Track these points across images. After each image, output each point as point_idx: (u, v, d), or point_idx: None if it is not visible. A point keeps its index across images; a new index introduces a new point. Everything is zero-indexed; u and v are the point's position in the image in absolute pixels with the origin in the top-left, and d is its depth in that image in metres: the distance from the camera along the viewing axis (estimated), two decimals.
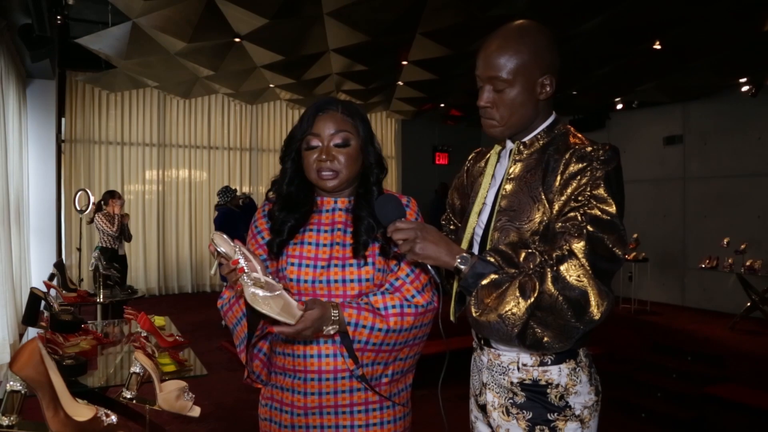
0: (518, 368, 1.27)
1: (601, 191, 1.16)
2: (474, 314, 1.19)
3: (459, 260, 1.22)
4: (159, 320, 3.40)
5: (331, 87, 7.35)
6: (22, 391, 1.15)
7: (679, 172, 7.91)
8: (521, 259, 1.21)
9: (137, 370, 1.43)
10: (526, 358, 1.26)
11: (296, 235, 1.41)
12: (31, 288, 2.27)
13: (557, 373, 1.24)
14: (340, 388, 1.36)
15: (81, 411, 1.17)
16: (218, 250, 1.19)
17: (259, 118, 9.49)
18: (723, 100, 7.36)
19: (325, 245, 1.40)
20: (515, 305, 1.14)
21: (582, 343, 1.27)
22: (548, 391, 1.24)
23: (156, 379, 1.44)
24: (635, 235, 7.23)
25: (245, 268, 1.18)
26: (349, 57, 5.97)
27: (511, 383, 1.28)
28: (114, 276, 4.43)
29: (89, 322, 3.57)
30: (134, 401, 1.45)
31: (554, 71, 1.29)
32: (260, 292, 1.15)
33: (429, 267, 1.28)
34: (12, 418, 1.13)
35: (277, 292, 1.16)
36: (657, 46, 5.55)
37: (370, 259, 1.39)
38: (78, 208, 5.36)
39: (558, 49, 1.32)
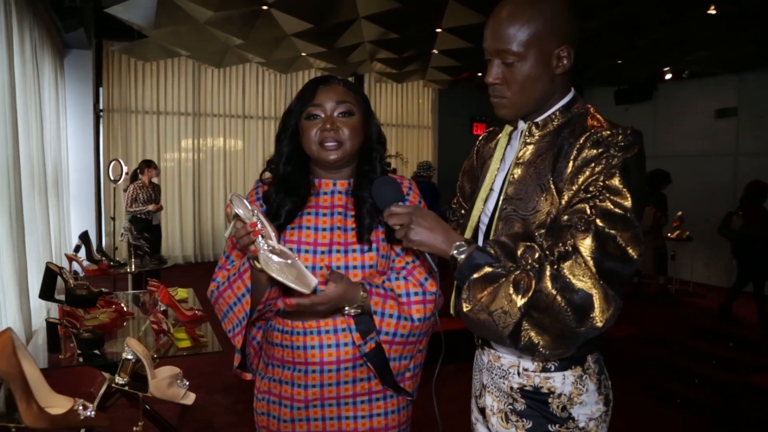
0: (518, 373, 1.16)
1: (615, 181, 1.03)
2: (464, 309, 1.09)
3: (455, 249, 1.11)
4: (182, 292, 3.41)
5: (364, 55, 7.18)
6: None
7: (731, 148, 7.46)
8: (519, 253, 1.09)
9: (129, 356, 1.39)
10: (528, 362, 1.15)
11: (293, 220, 1.34)
12: (47, 263, 2.28)
13: (561, 381, 1.13)
14: (342, 379, 1.31)
15: (57, 403, 1.13)
16: (236, 211, 1.13)
17: (294, 87, 9.41)
18: None
19: (324, 229, 1.33)
20: (507, 303, 1.03)
21: (590, 349, 1.15)
22: (550, 400, 1.13)
23: (148, 365, 1.40)
24: (680, 213, 6.89)
25: (262, 232, 1.13)
26: (381, 25, 5.79)
27: (511, 388, 1.17)
28: (143, 246, 4.48)
29: (116, 293, 3.63)
30: (126, 387, 1.41)
31: (572, 42, 1.13)
32: (275, 258, 1.11)
33: (427, 255, 1.18)
34: None
35: (291, 261, 1.12)
36: (712, 11, 5.16)
37: (374, 245, 1.32)
38: (112, 178, 5.44)
39: (576, 16, 1.16)
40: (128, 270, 4.39)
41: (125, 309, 3.00)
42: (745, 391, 3.81)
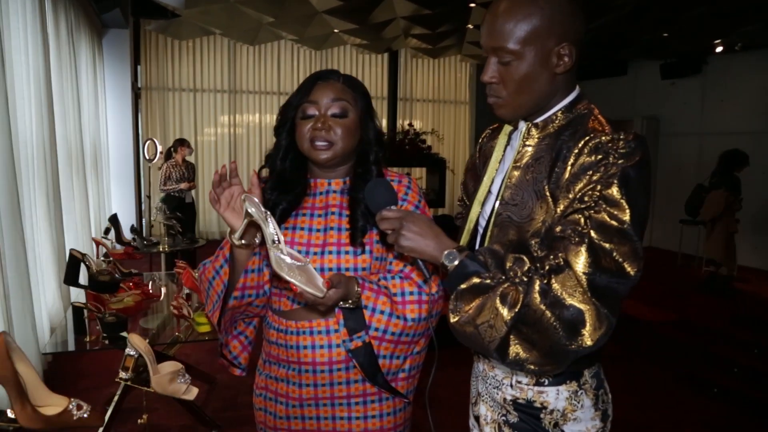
0: (512, 385, 1.12)
1: (613, 192, 0.96)
2: (452, 320, 1.05)
3: (445, 256, 1.07)
4: None
5: (397, 31, 7.04)
6: None
7: None
8: (508, 265, 1.04)
9: (132, 353, 1.41)
10: (522, 375, 1.11)
11: (288, 219, 1.33)
12: (70, 250, 2.34)
13: (554, 396, 1.08)
14: (336, 380, 1.30)
15: (53, 402, 1.16)
16: (248, 210, 1.12)
17: (328, 63, 9.36)
18: None
19: (318, 230, 1.31)
20: (493, 317, 0.98)
21: (587, 363, 1.09)
22: (542, 415, 1.09)
23: (149, 361, 1.42)
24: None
25: (275, 236, 1.11)
26: (413, 0, 5.65)
27: (504, 400, 1.14)
28: (175, 226, 4.57)
29: (148, 273, 3.72)
30: (130, 382, 1.44)
31: (574, 39, 1.06)
32: (287, 259, 1.10)
33: (419, 262, 1.14)
34: None
35: (301, 264, 1.11)
36: None
37: (367, 247, 1.29)
38: (147, 157, 5.56)
39: (580, 10, 1.08)
40: (160, 249, 4.49)
41: (151, 291, 3.08)
42: None
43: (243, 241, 1.20)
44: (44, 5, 3.96)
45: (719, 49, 7.24)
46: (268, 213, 1.12)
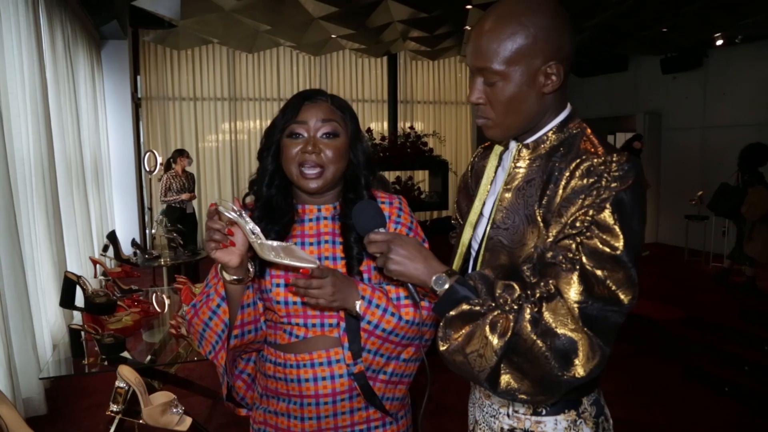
0: (509, 414, 1.09)
1: (605, 216, 0.92)
2: (441, 348, 1.02)
3: (434, 281, 1.03)
4: None
5: (395, 35, 7.01)
6: None
7: None
8: (497, 292, 1.00)
9: (122, 385, 1.39)
10: (518, 404, 1.07)
11: None
12: (65, 272, 2.32)
13: (552, 426, 1.05)
14: (339, 410, 1.27)
15: None
16: (228, 216, 1.11)
17: (327, 68, 9.35)
18: None
19: None
20: (483, 346, 0.95)
21: (586, 390, 1.06)
22: None
23: (140, 393, 1.40)
24: (700, 193, 6.49)
25: (253, 229, 1.12)
26: (409, 5, 5.61)
27: (502, 429, 1.11)
28: (176, 238, 4.55)
29: (150, 289, 3.70)
30: (121, 415, 1.41)
31: (562, 57, 1.02)
32: (272, 243, 1.11)
33: (410, 286, 1.11)
34: None
35: (287, 243, 1.11)
36: None
37: (365, 275, 1.26)
38: (147, 169, 5.54)
39: (569, 27, 1.04)
40: (161, 263, 4.47)
41: (155, 306, 3.06)
42: None
43: (235, 277, 1.17)
44: (39, 21, 3.96)
45: (719, 42, 7.17)
46: (242, 211, 1.11)
